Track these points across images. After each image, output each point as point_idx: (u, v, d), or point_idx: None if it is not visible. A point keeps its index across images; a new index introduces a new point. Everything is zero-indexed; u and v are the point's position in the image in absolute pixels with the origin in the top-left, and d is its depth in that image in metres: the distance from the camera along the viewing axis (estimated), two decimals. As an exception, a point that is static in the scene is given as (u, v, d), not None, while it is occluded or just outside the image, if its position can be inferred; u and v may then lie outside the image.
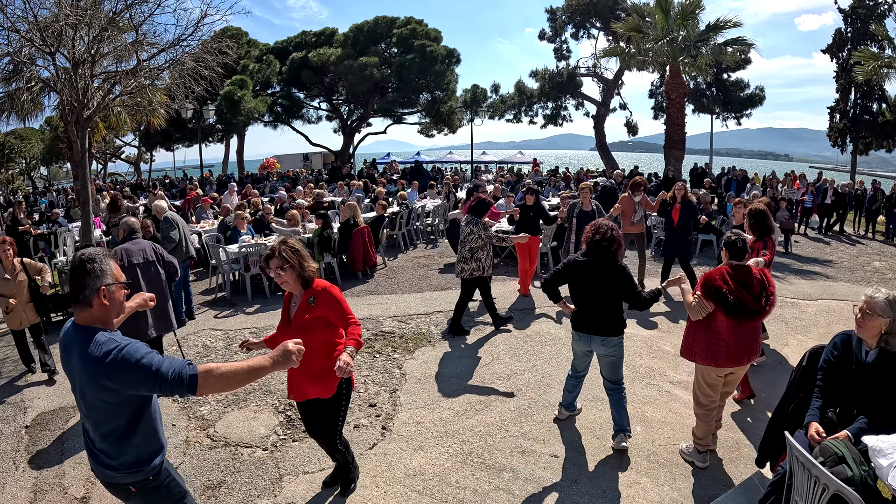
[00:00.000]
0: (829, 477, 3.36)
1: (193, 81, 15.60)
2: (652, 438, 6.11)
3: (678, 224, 10.81)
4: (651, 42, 24.01)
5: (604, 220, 5.75)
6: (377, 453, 5.79)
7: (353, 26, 39.88)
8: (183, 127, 37.73)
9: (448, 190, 20.72)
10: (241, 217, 12.93)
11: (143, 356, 2.88)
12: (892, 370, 4.13)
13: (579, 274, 5.65)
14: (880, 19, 33.91)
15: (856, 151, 38.27)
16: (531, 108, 39.93)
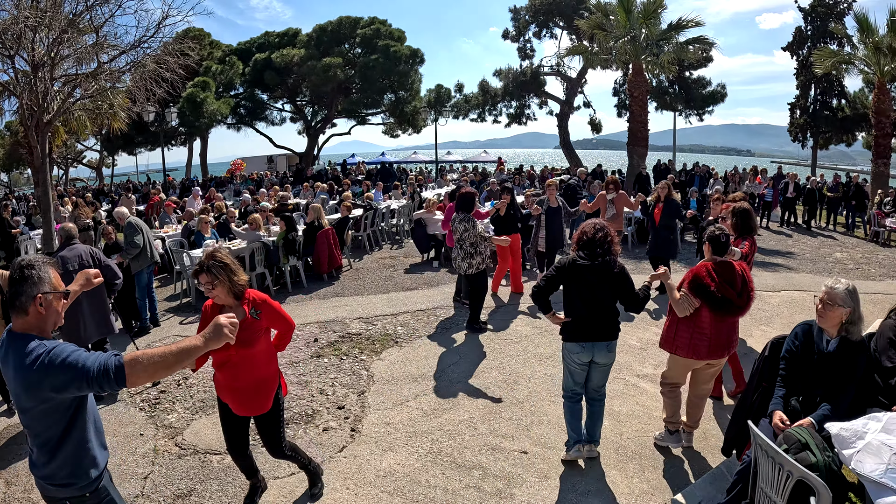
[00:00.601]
0: (793, 464, 3.41)
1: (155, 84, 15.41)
2: (620, 432, 6.16)
3: (661, 223, 10.82)
4: (614, 40, 24.21)
5: (599, 219, 5.45)
6: (347, 456, 5.75)
7: (317, 27, 39.60)
8: (145, 130, 37.11)
9: (413, 190, 20.72)
10: (204, 221, 12.79)
11: (68, 355, 2.82)
12: (853, 358, 4.25)
13: (580, 278, 5.23)
14: (839, 17, 34.61)
15: (816, 146, 38.96)
16: (495, 108, 40.00)
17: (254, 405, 4.56)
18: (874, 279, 13.28)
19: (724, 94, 38.44)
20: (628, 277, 5.27)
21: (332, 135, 45.65)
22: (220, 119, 37.44)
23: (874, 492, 3.36)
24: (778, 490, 3.52)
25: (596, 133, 40.64)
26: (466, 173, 31.47)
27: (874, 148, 23.99)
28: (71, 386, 2.82)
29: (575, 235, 5.44)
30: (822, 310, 4.32)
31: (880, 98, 23.55)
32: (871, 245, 17.54)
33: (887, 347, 4.55)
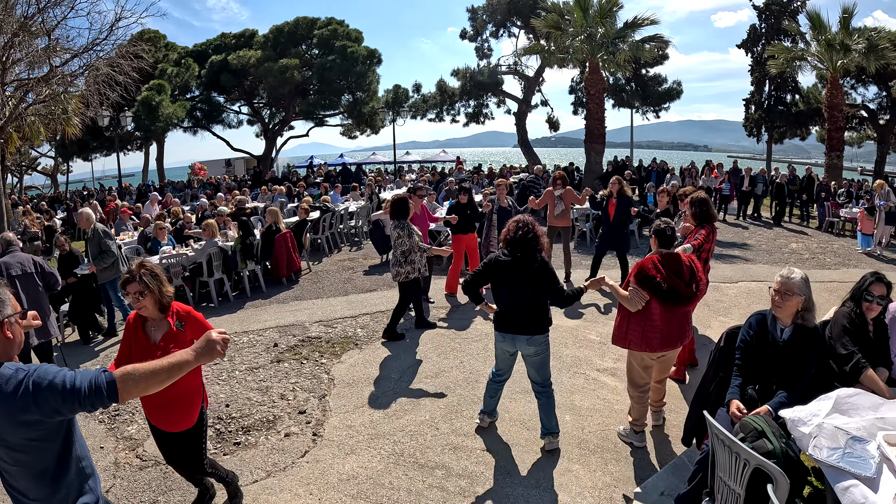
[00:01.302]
0: (749, 452, 3.42)
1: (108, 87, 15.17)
2: (582, 426, 6.19)
3: (615, 219, 10.96)
4: (570, 39, 24.40)
5: (524, 216, 5.60)
6: (309, 461, 5.68)
7: (274, 27, 39.31)
8: (100, 135, 36.38)
9: (371, 191, 20.63)
10: (160, 227, 12.59)
11: (53, 376, 2.59)
12: (807, 345, 4.31)
13: (503, 273, 5.45)
14: (793, 15, 35.29)
15: (771, 140, 39.73)
16: (453, 107, 40.01)
17: (181, 421, 4.42)
18: (829, 268, 13.62)
19: (680, 90, 38.99)
20: (549, 273, 5.42)
21: (290, 137, 45.28)
22: (176, 122, 36.95)
23: (832, 476, 3.39)
24: (736, 478, 3.53)
25: (554, 131, 40.96)
26: (424, 173, 31.43)
27: (827, 141, 24.56)
28: (63, 408, 2.60)
29: (502, 233, 5.63)
30: (779, 300, 4.35)
31: (833, 93, 24.10)
32: (826, 235, 17.88)
33: (841, 334, 4.62)
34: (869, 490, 3.22)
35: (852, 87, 35.39)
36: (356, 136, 42.72)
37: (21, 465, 2.71)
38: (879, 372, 4.49)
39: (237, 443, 6.04)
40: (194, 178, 36.12)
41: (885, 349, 4.77)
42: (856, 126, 37.40)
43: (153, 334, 4.29)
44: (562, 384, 7.15)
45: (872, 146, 38.01)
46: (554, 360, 7.49)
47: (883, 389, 4.29)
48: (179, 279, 11.17)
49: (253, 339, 9.20)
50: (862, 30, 24.43)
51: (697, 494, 4.30)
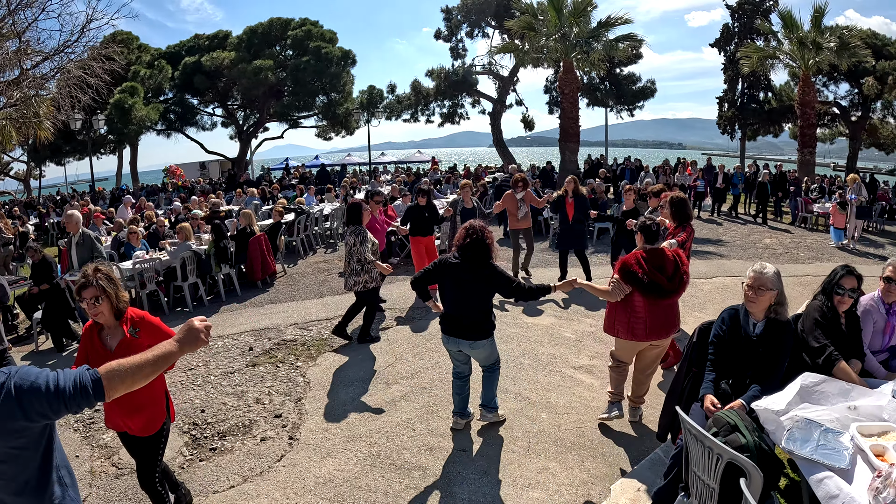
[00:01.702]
0: (721, 447, 3.43)
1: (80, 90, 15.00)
2: (558, 424, 6.19)
3: (573, 218, 11.04)
4: (544, 39, 24.46)
5: (476, 221, 5.70)
6: (286, 465, 5.62)
7: (247, 28, 39.14)
8: (73, 139, 35.91)
9: (346, 193, 20.57)
10: (133, 232, 12.43)
11: (36, 377, 2.43)
12: (780, 338, 4.34)
13: (453, 276, 5.57)
14: (765, 15, 35.72)
15: (744, 137, 40.24)
16: (428, 107, 39.96)
17: (145, 425, 4.26)
18: (803, 262, 13.81)
19: (654, 89, 39.30)
20: (500, 273, 5.56)
21: (265, 139, 45.10)
22: (150, 125, 36.67)
23: (806, 468, 3.40)
24: (710, 473, 3.53)
25: (529, 130, 41.03)
26: (399, 174, 31.39)
27: (800, 138, 24.83)
28: (48, 411, 2.43)
29: (455, 238, 5.74)
30: (753, 295, 4.37)
31: (805, 90, 24.38)
32: (799, 230, 18.06)
33: (813, 328, 4.64)
34: (843, 482, 3.23)
35: (824, 85, 35.93)
36: (331, 137, 42.63)
37: (1, 478, 2.53)
38: (852, 364, 4.52)
39: (213, 448, 5.97)
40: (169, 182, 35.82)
41: (858, 341, 4.81)
42: (828, 123, 37.97)
43: (109, 342, 4.16)
44: (538, 382, 7.19)
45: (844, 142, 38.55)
46: (529, 359, 7.53)
47: (856, 381, 4.31)
48: (153, 284, 11.06)
49: (228, 344, 9.12)
50: (834, 28, 24.74)
51: (673, 489, 4.31)
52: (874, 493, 3.02)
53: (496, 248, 5.71)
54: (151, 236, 13.20)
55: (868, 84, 32.15)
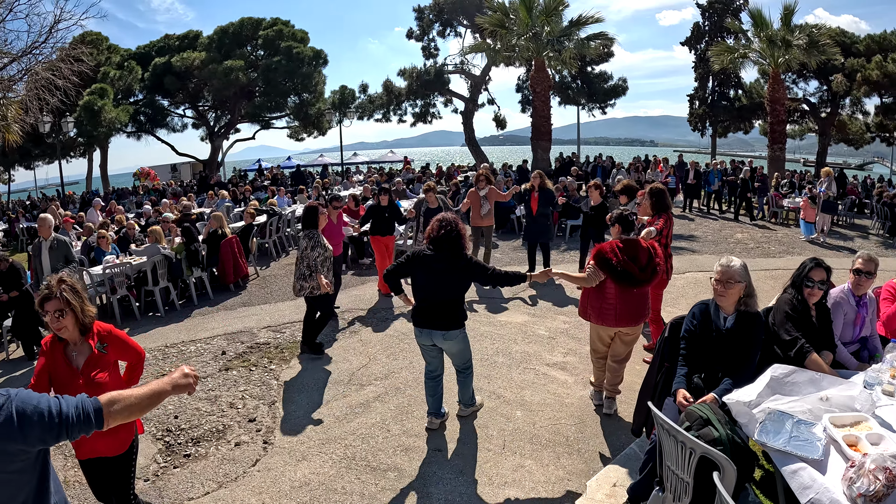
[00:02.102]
0: (694, 441, 3.42)
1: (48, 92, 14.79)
2: (533, 421, 6.18)
3: (538, 212, 11.28)
4: (516, 38, 24.52)
5: (448, 213, 5.80)
6: (260, 469, 5.55)
7: (218, 28, 38.80)
8: (42, 142, 35.29)
9: (318, 194, 20.47)
10: (102, 237, 12.23)
11: (38, 401, 2.38)
12: (751, 331, 4.39)
13: (427, 268, 5.61)
14: (735, 13, 36.18)
15: (715, 134, 40.69)
16: (400, 107, 39.95)
17: (113, 445, 3.99)
18: (774, 256, 14.00)
19: (626, 87, 39.63)
20: (475, 263, 5.67)
21: (237, 140, 44.74)
22: (120, 127, 36.19)
23: (779, 459, 3.42)
24: (683, 467, 3.54)
25: (501, 129, 41.14)
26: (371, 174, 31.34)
27: (770, 134, 25.09)
28: (48, 435, 2.38)
29: (426, 231, 5.79)
30: (722, 289, 4.41)
31: (775, 87, 24.63)
32: (770, 224, 18.25)
33: (784, 321, 4.68)
34: (817, 472, 3.25)
35: (794, 82, 36.42)
36: (303, 137, 42.40)
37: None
38: (824, 355, 4.57)
39: (187, 455, 5.88)
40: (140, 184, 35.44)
41: (829, 333, 4.86)
42: (798, 119, 38.51)
43: (75, 359, 3.92)
44: (511, 380, 7.19)
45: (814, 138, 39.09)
46: (503, 357, 7.51)
47: (827, 372, 4.35)
48: (124, 289, 10.91)
49: (201, 348, 9.01)
50: (803, 27, 25.07)
51: (649, 484, 4.31)
52: (848, 482, 3.04)
53: (468, 240, 5.82)
54: (122, 240, 13.01)
55: (837, 81, 32.62)
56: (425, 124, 41.14)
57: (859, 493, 2.95)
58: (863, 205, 21.56)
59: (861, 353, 5.20)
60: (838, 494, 3.08)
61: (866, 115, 37.11)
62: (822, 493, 3.13)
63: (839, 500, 3.05)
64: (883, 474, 2.94)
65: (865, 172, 42.11)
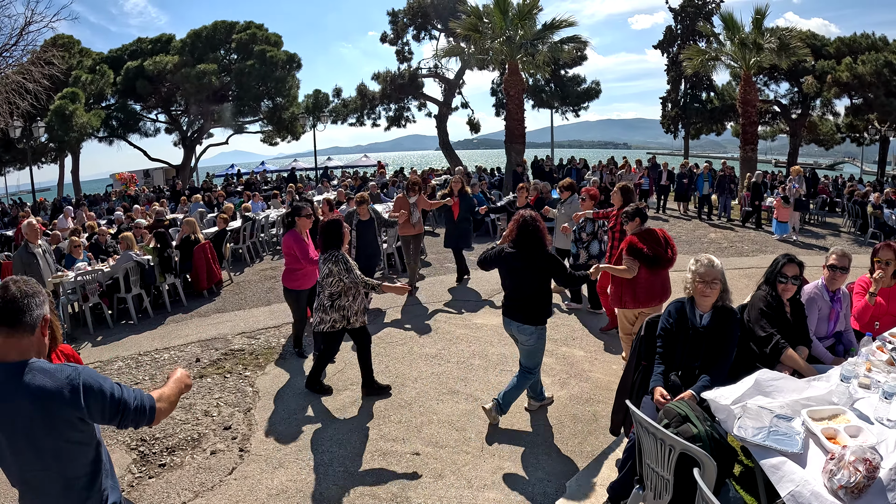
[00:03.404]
0: (674, 438, 3.43)
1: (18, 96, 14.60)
2: (511, 423, 6.19)
3: (459, 216, 11.42)
4: (490, 41, 24.58)
5: (528, 212, 5.95)
6: (237, 477, 5.48)
7: (192, 32, 38.44)
8: (12, 148, 34.73)
9: (292, 199, 20.34)
10: (75, 245, 12.03)
11: (103, 381, 2.57)
12: (727, 328, 4.45)
13: (508, 265, 5.88)
14: (707, 17, 36.50)
15: (688, 136, 41.07)
16: (374, 111, 39.76)
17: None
18: (748, 255, 14.16)
19: (599, 90, 39.93)
20: (556, 261, 5.92)
21: (210, 145, 44.39)
22: (91, 132, 35.74)
23: (759, 454, 3.42)
24: (663, 465, 3.54)
25: (475, 133, 41.20)
26: (346, 178, 31.20)
27: (742, 136, 25.35)
28: (106, 413, 2.57)
29: (508, 228, 6.02)
30: (708, 290, 4.45)
31: (746, 89, 24.88)
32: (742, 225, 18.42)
33: (759, 317, 4.72)
34: (797, 466, 3.25)
35: (765, 84, 36.87)
36: (277, 142, 42.07)
37: (51, 472, 2.58)
38: (799, 350, 4.60)
39: (162, 464, 5.77)
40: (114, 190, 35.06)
41: (803, 328, 4.90)
42: (769, 121, 38.92)
43: None
44: (489, 382, 7.21)
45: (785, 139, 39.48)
46: (480, 360, 7.50)
47: (803, 367, 4.41)
48: (96, 296, 10.77)
49: (174, 356, 8.89)
50: (774, 30, 25.33)
51: (628, 482, 4.31)
52: (829, 475, 3.05)
53: (548, 238, 6.11)
54: (93, 247, 12.85)
55: (808, 83, 33.01)
56: (399, 128, 40.96)
57: (840, 485, 2.96)
58: (834, 203, 21.85)
59: (836, 348, 5.26)
60: (819, 487, 3.08)
61: (836, 115, 37.58)
62: (803, 485, 3.13)
63: (820, 492, 3.06)
64: (863, 465, 2.95)
65: (836, 172, 42.64)
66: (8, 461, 2.56)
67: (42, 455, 2.53)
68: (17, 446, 2.51)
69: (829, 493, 3.03)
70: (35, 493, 2.63)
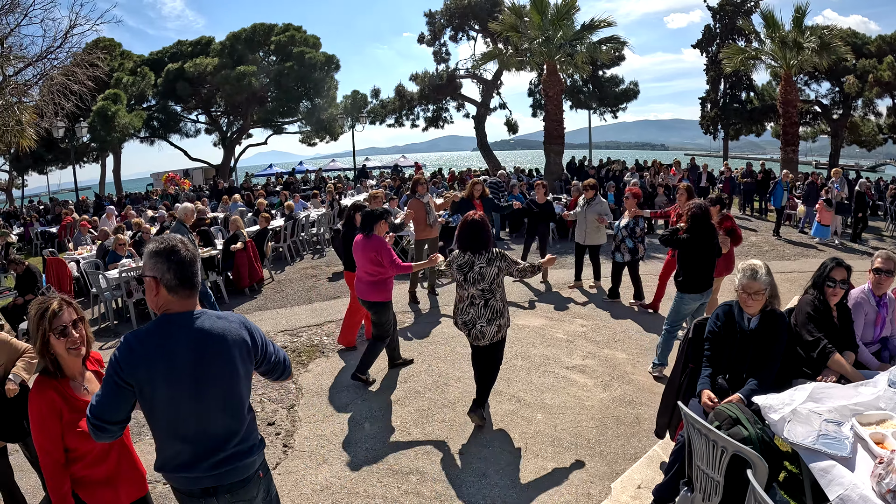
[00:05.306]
0: (727, 439, 3.43)
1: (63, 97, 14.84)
2: (554, 424, 6.17)
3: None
4: (528, 42, 24.50)
5: (698, 200, 7.59)
6: (281, 473, 5.54)
7: (231, 34, 38.95)
8: (55, 147, 35.45)
9: (332, 198, 20.49)
10: (119, 241, 12.26)
11: (258, 328, 3.07)
12: (775, 332, 4.39)
13: (685, 244, 7.18)
14: (747, 15, 35.99)
15: (727, 137, 40.50)
16: (412, 112, 39.87)
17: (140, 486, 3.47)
18: (789, 259, 13.95)
19: (637, 91, 39.60)
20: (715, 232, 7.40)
21: (249, 145, 44.93)
22: (133, 133, 36.37)
23: (808, 457, 3.41)
24: (714, 466, 3.54)
25: (512, 134, 41.06)
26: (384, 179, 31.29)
27: (783, 136, 24.96)
28: (265, 354, 3.07)
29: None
30: (751, 301, 4.40)
31: (787, 89, 24.52)
32: (784, 227, 18.15)
33: (806, 321, 4.68)
34: (846, 469, 3.25)
35: (805, 84, 36.26)
36: (315, 143, 42.40)
37: (233, 404, 2.89)
38: (846, 356, 4.56)
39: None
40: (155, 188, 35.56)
41: (850, 333, 4.86)
42: (810, 121, 38.30)
43: (89, 393, 3.26)
44: (531, 383, 7.18)
45: (826, 140, 38.89)
46: (523, 361, 7.49)
47: (850, 372, 4.38)
48: (140, 293, 10.96)
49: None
50: (814, 28, 24.91)
51: (674, 485, 4.31)
52: (877, 479, 3.05)
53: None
54: (137, 244, 13.07)
55: (849, 82, 32.51)
56: (437, 129, 41.07)
57: (888, 489, 2.96)
58: (876, 206, 21.42)
59: (882, 354, 5.20)
60: (867, 491, 3.08)
61: (878, 116, 36.94)
62: (852, 489, 3.13)
63: (868, 496, 3.05)
64: (912, 470, 2.95)
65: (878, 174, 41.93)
66: (187, 405, 2.77)
67: (237, 380, 2.87)
68: (212, 387, 2.80)
69: (877, 497, 3.02)
70: (239, 418, 2.93)
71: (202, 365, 2.75)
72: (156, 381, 2.68)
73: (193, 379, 2.74)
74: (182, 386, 2.72)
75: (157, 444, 2.89)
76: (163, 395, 2.71)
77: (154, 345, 2.70)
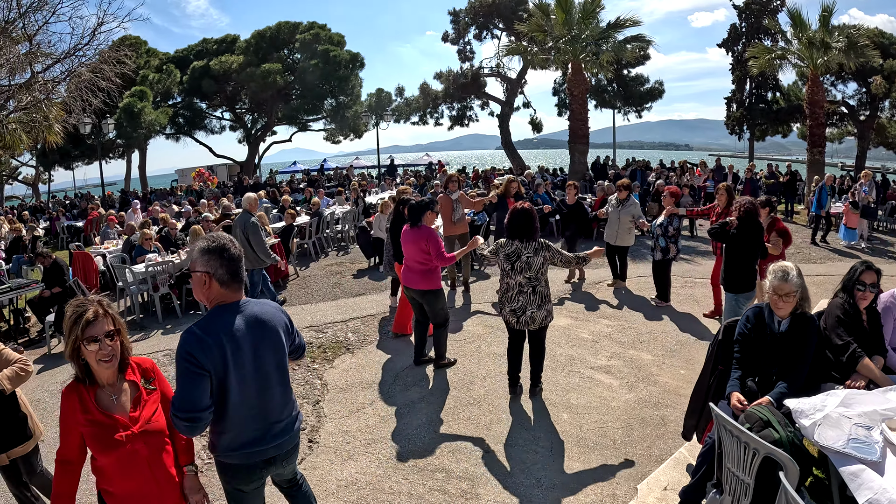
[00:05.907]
0: (759, 441, 3.43)
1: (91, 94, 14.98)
2: (579, 424, 6.17)
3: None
4: (553, 41, 24.45)
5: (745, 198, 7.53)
6: (306, 468, 5.58)
7: (256, 32, 39.24)
8: (82, 143, 35.81)
9: (356, 196, 20.55)
10: (146, 236, 12.40)
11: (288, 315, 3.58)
12: (805, 335, 4.37)
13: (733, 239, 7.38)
14: (773, 14, 35.66)
15: (753, 138, 40.19)
16: (436, 110, 40.02)
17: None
18: (816, 262, 13.79)
19: (662, 90, 39.41)
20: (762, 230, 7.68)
21: (273, 142, 45.19)
22: (158, 129, 36.69)
23: (838, 461, 3.40)
24: (745, 468, 3.54)
25: (536, 132, 40.97)
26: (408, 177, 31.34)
27: (809, 137, 24.65)
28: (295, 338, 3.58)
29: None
30: (782, 303, 4.37)
31: (814, 90, 24.23)
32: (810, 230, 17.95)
33: (836, 325, 4.64)
34: (875, 474, 3.24)
35: (832, 84, 35.89)
36: (339, 140, 42.55)
37: (283, 379, 3.40)
38: (875, 360, 4.52)
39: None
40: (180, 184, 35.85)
41: (879, 338, 4.81)
42: (836, 122, 37.89)
43: (118, 405, 3.12)
44: (557, 383, 7.17)
45: (853, 142, 38.48)
46: (548, 360, 7.48)
47: (879, 377, 4.35)
48: (166, 286, 11.06)
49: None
50: (841, 27, 24.60)
51: (701, 487, 4.31)
52: (907, 483, 3.04)
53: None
54: (163, 239, 13.19)
55: (876, 83, 32.08)
56: (462, 127, 41.12)
57: (917, 494, 2.95)
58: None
59: (910, 359, 5.14)
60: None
61: (906, 117, 36.53)
62: (881, 493, 3.13)
63: (898, 501, 3.05)
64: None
65: (905, 176, 41.47)
66: (253, 382, 3.22)
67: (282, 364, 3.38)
68: (267, 367, 3.27)
69: (906, 502, 3.02)
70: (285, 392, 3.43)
71: (260, 344, 3.21)
72: (227, 362, 3.05)
73: (255, 357, 3.18)
74: (247, 364, 3.14)
75: (221, 426, 3.23)
76: (233, 375, 3.09)
77: (218, 331, 3.06)
